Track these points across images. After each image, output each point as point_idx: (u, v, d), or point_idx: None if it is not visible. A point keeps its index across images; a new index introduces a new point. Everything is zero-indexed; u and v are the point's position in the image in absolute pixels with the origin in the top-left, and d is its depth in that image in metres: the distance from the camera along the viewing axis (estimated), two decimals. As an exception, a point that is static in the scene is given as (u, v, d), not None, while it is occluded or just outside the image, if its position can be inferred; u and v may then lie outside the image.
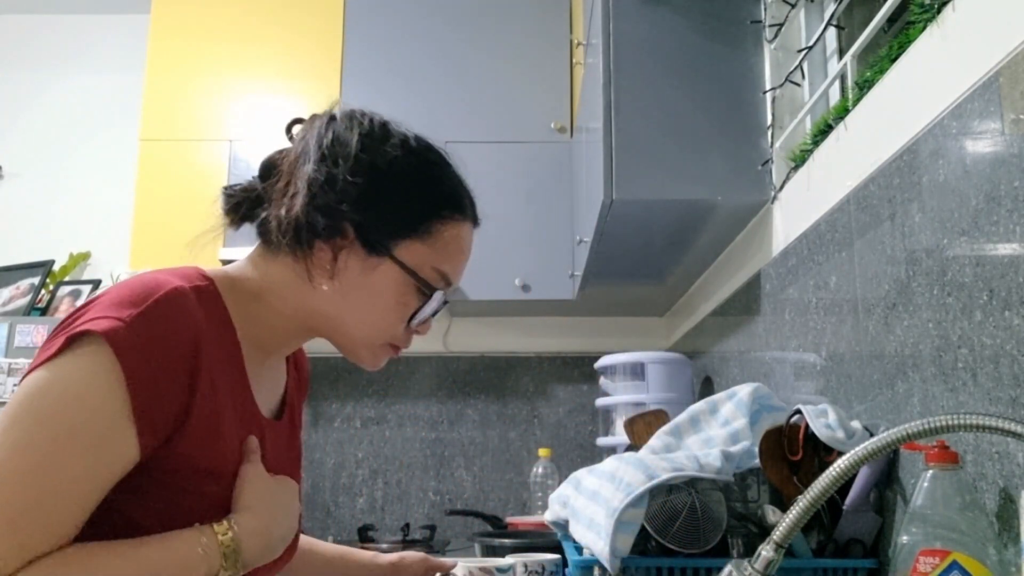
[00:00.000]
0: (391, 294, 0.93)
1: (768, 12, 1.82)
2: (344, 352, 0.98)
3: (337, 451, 2.99)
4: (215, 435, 0.84)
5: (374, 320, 0.94)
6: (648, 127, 1.77)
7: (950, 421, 0.72)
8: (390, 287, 0.93)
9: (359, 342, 0.96)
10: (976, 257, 0.98)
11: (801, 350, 1.58)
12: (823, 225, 1.48)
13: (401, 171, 0.93)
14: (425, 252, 0.94)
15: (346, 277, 0.91)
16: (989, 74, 0.96)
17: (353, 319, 0.93)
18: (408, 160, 0.95)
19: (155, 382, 0.77)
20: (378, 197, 0.91)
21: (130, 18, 3.36)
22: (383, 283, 0.92)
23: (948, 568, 0.83)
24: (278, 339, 0.96)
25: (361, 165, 0.90)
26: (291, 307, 0.93)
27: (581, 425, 3.03)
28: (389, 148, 0.93)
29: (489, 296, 2.76)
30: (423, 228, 0.94)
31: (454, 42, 2.94)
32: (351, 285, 0.92)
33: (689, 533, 1.15)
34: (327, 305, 0.92)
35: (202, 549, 0.79)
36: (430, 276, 0.94)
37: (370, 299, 0.92)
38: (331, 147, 0.91)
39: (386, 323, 0.94)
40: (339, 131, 0.93)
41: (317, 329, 0.96)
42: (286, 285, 0.92)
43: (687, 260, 2.27)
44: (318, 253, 0.90)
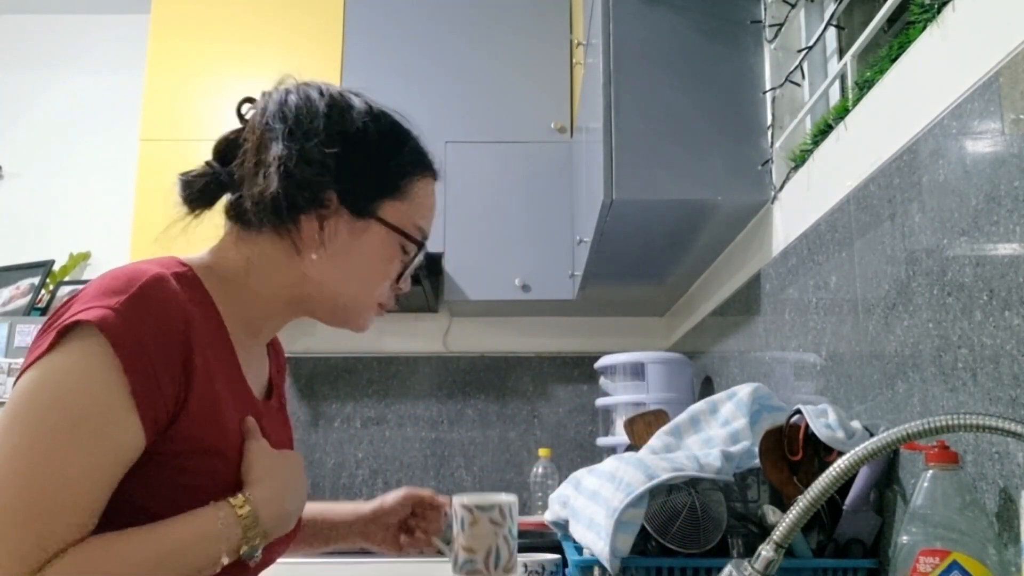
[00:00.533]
0: (380, 254, 0.96)
1: (768, 12, 1.82)
2: (334, 320, 0.99)
3: (337, 451, 2.99)
4: (216, 415, 0.84)
5: (366, 281, 0.96)
6: (648, 127, 1.77)
7: (950, 421, 0.72)
8: (378, 248, 0.95)
9: (353, 306, 0.97)
10: (976, 257, 0.98)
11: (801, 350, 1.58)
12: (823, 225, 1.48)
13: (373, 135, 0.95)
14: (405, 209, 0.97)
15: (336, 244, 0.93)
16: (989, 74, 0.96)
17: (346, 284, 0.95)
18: (377, 124, 0.96)
19: (152, 365, 0.78)
20: (356, 163, 0.93)
21: (130, 18, 3.36)
22: (372, 245, 0.95)
23: (948, 568, 0.83)
24: (265, 318, 0.97)
25: (333, 135, 0.92)
26: (279, 282, 0.94)
27: (581, 425, 3.03)
28: (356, 115, 0.94)
29: (489, 296, 2.76)
30: (400, 187, 0.96)
31: (454, 42, 2.94)
32: (341, 251, 0.93)
33: (689, 533, 1.15)
34: (319, 274, 0.93)
35: (221, 523, 0.80)
36: (413, 232, 0.97)
37: (361, 262, 0.95)
38: (298, 121, 0.91)
39: (377, 283, 0.97)
40: (301, 104, 0.93)
41: (307, 300, 0.96)
42: (272, 261, 0.93)
43: (687, 260, 2.27)
44: (305, 225, 0.91)
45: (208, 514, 0.80)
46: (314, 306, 0.97)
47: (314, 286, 0.94)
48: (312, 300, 0.96)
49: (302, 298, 0.96)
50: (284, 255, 0.93)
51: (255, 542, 0.82)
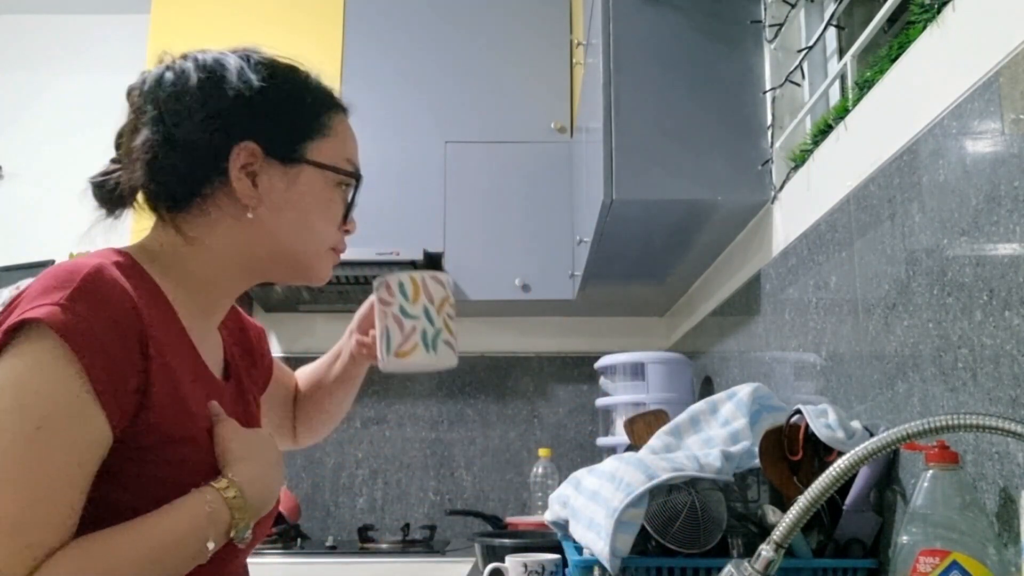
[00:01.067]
0: (319, 196, 0.96)
1: (768, 12, 1.82)
2: (292, 274, 0.98)
3: (337, 451, 2.99)
4: (179, 401, 0.83)
5: (313, 227, 0.96)
6: (648, 127, 1.78)
7: (950, 421, 0.72)
8: (315, 190, 0.95)
9: (307, 255, 0.96)
10: (976, 257, 0.98)
11: (801, 350, 1.58)
12: (823, 225, 1.48)
13: (280, 82, 0.94)
14: (331, 146, 0.97)
15: (273, 196, 0.92)
16: (989, 74, 0.96)
17: (295, 234, 0.94)
18: (281, 71, 0.96)
19: (107, 356, 0.76)
20: (271, 111, 0.93)
21: (130, 18, 3.36)
22: (308, 188, 0.94)
23: (948, 568, 0.83)
24: (216, 295, 0.95)
25: (240, 91, 0.91)
26: (227, 250, 0.93)
27: (581, 425, 3.03)
28: (256, 69, 0.93)
29: (489, 296, 2.76)
30: (320, 125, 0.97)
31: (454, 42, 2.94)
32: (280, 201, 0.93)
33: (689, 533, 1.15)
34: (264, 231, 0.93)
35: (209, 507, 0.79)
36: (345, 166, 0.99)
37: (303, 208, 0.94)
38: (202, 85, 0.91)
39: (324, 226, 0.97)
40: (197, 71, 0.92)
41: (260, 262, 0.95)
42: (215, 230, 0.92)
43: (687, 260, 2.27)
44: (236, 185, 0.90)
45: (195, 500, 0.79)
46: (268, 266, 0.96)
47: (263, 245, 0.93)
48: (265, 260, 0.95)
49: (254, 261, 0.94)
50: (225, 220, 0.92)
51: (244, 522, 0.82)
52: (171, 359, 0.84)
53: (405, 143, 2.84)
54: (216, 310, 0.98)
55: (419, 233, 2.77)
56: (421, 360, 1.02)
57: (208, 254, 0.92)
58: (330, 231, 0.98)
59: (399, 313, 1.00)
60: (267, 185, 0.92)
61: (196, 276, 0.93)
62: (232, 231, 0.92)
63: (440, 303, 1.04)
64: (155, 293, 0.87)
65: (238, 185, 0.90)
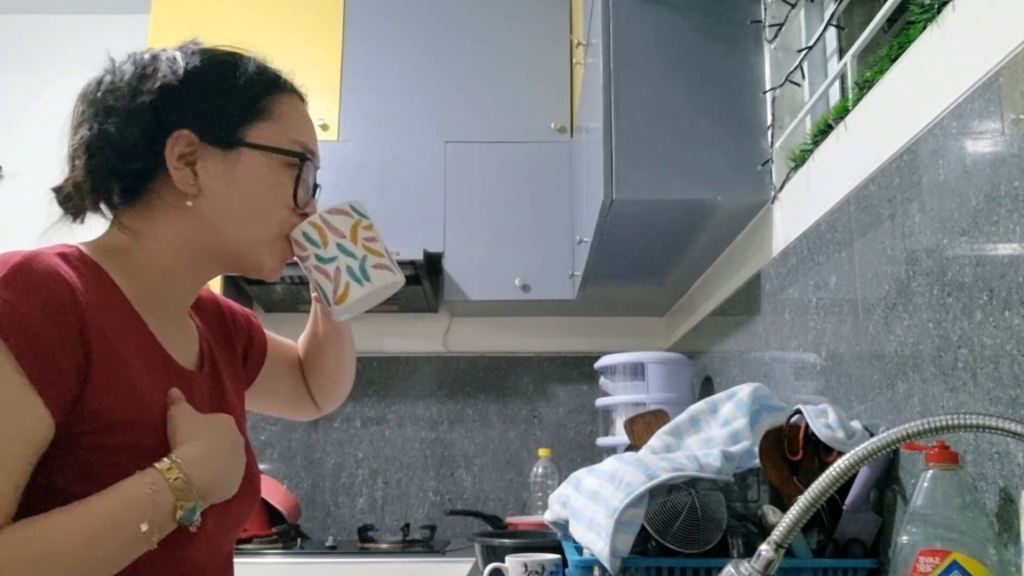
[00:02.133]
0: (263, 179, 0.93)
1: (768, 12, 1.82)
2: (245, 266, 0.96)
3: (337, 451, 2.99)
4: (125, 385, 0.82)
5: (259, 212, 0.94)
6: (648, 127, 1.78)
7: (950, 421, 0.72)
8: (259, 173, 0.93)
9: (254, 243, 0.94)
10: (976, 257, 0.98)
11: (801, 350, 1.58)
12: (823, 225, 1.48)
13: (210, 68, 0.93)
14: (274, 128, 0.95)
15: (213, 183, 0.91)
16: (989, 74, 0.96)
17: (240, 220, 0.93)
18: (213, 57, 0.95)
19: (41, 343, 0.75)
20: (202, 97, 0.92)
21: (130, 18, 3.36)
22: (251, 172, 0.93)
23: (948, 568, 0.83)
24: (171, 284, 0.94)
25: (169, 81, 0.90)
26: (173, 242, 0.92)
27: (581, 425, 3.03)
28: (189, 57, 0.93)
29: (489, 296, 2.76)
30: (259, 108, 0.94)
31: (454, 42, 2.94)
32: (221, 188, 0.91)
33: (689, 533, 1.15)
34: (206, 220, 0.92)
35: (149, 488, 0.78)
36: (291, 147, 0.95)
37: (246, 192, 0.92)
38: (132, 80, 0.90)
39: (271, 211, 0.95)
40: (132, 67, 0.92)
41: (209, 252, 0.94)
42: (160, 222, 0.91)
43: (687, 260, 2.27)
44: (174, 174, 0.89)
45: (135, 482, 0.78)
46: (216, 257, 0.95)
47: (207, 234, 0.92)
48: (211, 251, 0.94)
49: (201, 252, 0.93)
50: (170, 212, 0.91)
51: (189, 504, 0.80)
52: (118, 345, 0.82)
53: (405, 143, 2.84)
54: (174, 300, 0.96)
55: (419, 233, 2.77)
56: (360, 295, 0.98)
57: (156, 246, 0.92)
58: (278, 216, 0.95)
59: (318, 263, 0.97)
60: (207, 172, 0.91)
61: (146, 268, 0.92)
62: (177, 222, 0.91)
63: (352, 232, 0.99)
64: (104, 282, 0.86)
65: (176, 174, 0.89)
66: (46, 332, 0.76)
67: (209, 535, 0.87)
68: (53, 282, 0.78)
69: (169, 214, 0.92)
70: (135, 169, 0.90)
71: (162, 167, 0.90)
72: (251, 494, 0.97)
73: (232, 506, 0.90)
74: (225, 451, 0.87)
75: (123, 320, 0.86)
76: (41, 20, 3.42)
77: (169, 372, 0.91)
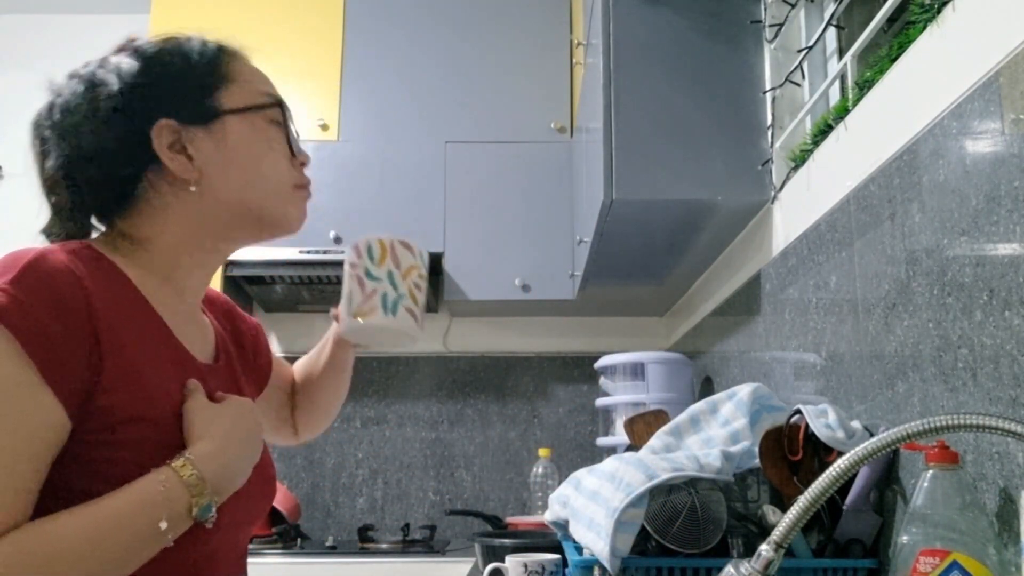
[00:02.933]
0: (255, 139, 0.94)
1: (768, 12, 1.82)
2: (264, 229, 0.96)
3: (337, 451, 2.99)
4: (137, 382, 0.81)
5: (263, 171, 0.94)
6: (648, 127, 1.78)
7: (950, 421, 0.72)
8: (248, 135, 0.93)
9: (273, 198, 0.95)
10: (976, 257, 0.98)
11: (801, 350, 1.58)
12: (823, 225, 1.48)
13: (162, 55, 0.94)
14: (241, 89, 0.95)
15: (211, 160, 0.91)
16: (989, 74, 0.96)
17: (247, 186, 0.93)
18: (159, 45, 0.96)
19: (52, 340, 0.75)
20: (167, 83, 0.92)
21: (130, 18, 3.36)
22: (241, 137, 0.93)
23: (948, 568, 0.83)
24: (188, 273, 0.94)
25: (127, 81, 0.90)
26: (185, 232, 0.92)
27: (581, 425, 3.03)
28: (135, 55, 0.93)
29: (489, 296, 2.76)
30: (221, 75, 0.95)
31: (454, 42, 2.94)
32: (220, 162, 0.91)
33: (689, 533, 1.15)
34: (215, 198, 0.91)
35: (163, 486, 0.78)
36: (263, 99, 0.96)
37: (245, 157, 0.93)
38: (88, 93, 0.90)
39: (274, 167, 0.95)
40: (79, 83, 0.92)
41: (224, 229, 0.94)
42: (165, 219, 0.91)
43: (687, 260, 2.27)
44: (171, 165, 0.89)
45: (148, 480, 0.78)
46: (235, 230, 0.95)
47: (221, 211, 0.92)
48: (229, 226, 0.94)
49: (218, 231, 0.93)
50: (173, 209, 0.91)
51: (204, 501, 0.80)
52: (131, 341, 0.82)
53: (405, 143, 2.84)
54: (188, 291, 0.96)
55: (419, 233, 2.76)
56: (379, 321, 0.99)
57: (166, 241, 0.91)
58: (283, 169, 0.96)
59: (363, 275, 0.99)
60: (200, 152, 0.90)
61: (159, 262, 0.91)
62: (184, 212, 0.91)
63: (407, 270, 1.01)
64: (116, 277, 0.86)
65: (173, 164, 0.89)
66: (57, 330, 0.76)
67: (224, 530, 0.86)
68: (63, 279, 0.78)
69: (173, 208, 0.91)
70: (124, 175, 0.90)
71: (149, 165, 0.89)
72: (266, 489, 0.96)
73: (247, 500, 0.90)
74: (239, 441, 0.86)
75: (136, 314, 0.86)
76: (41, 20, 3.42)
77: (185, 365, 0.90)
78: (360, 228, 2.78)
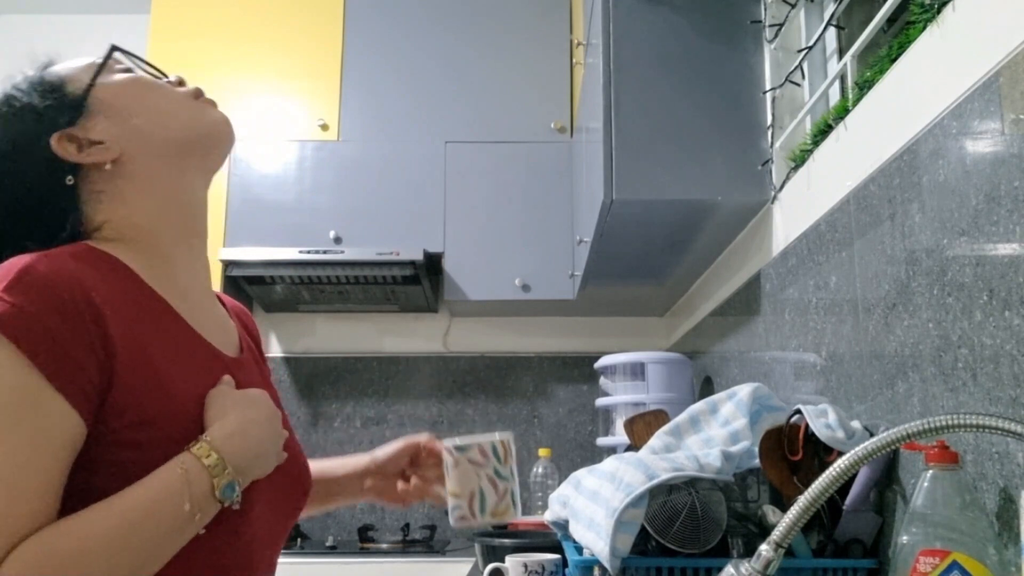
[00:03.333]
0: (126, 90, 0.93)
1: (768, 12, 1.82)
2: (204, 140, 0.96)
3: (337, 451, 2.99)
4: (153, 379, 0.81)
5: (157, 105, 0.94)
6: (648, 127, 1.78)
7: (950, 421, 0.72)
8: (118, 90, 0.93)
9: (185, 120, 0.94)
10: (976, 257, 0.98)
11: (801, 350, 1.58)
12: (823, 225, 1.48)
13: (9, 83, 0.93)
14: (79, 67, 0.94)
15: (113, 129, 0.90)
16: (989, 74, 0.96)
17: (159, 124, 0.93)
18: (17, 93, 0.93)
19: (56, 343, 0.74)
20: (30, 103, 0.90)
21: (130, 18, 3.36)
22: (114, 96, 0.92)
23: (948, 568, 0.83)
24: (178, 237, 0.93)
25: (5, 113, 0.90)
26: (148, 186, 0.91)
27: (581, 425, 3.03)
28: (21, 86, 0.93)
29: (489, 296, 2.76)
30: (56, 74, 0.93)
31: (454, 42, 2.94)
32: (122, 125, 0.91)
33: (689, 533, 1.15)
34: (147, 153, 0.91)
35: (182, 469, 0.77)
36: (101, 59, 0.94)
37: (134, 107, 0.92)
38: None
39: (160, 96, 0.95)
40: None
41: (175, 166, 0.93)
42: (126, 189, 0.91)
43: (687, 260, 2.27)
44: (90, 160, 0.89)
45: (169, 467, 0.77)
46: (180, 162, 0.94)
47: (158, 154, 0.92)
48: (174, 161, 0.93)
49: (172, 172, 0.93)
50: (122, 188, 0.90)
51: (225, 480, 0.79)
52: (145, 337, 0.82)
53: (405, 143, 2.84)
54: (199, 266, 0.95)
55: (419, 233, 2.77)
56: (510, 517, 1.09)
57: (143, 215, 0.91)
58: (169, 93, 0.96)
59: (493, 475, 1.06)
60: (102, 131, 0.90)
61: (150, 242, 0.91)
62: (135, 181, 0.91)
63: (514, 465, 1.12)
64: (122, 272, 0.86)
65: (93, 157, 0.89)
66: (60, 331, 0.75)
67: (260, 520, 0.86)
68: (62, 281, 0.77)
69: (124, 186, 0.90)
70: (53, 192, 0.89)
71: (74, 170, 0.89)
72: (301, 478, 0.96)
73: (281, 491, 0.90)
74: (259, 424, 0.86)
75: (148, 309, 0.85)
76: (41, 20, 3.42)
77: (209, 358, 0.90)
78: (360, 228, 2.79)
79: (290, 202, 2.76)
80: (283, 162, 2.82)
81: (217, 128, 0.97)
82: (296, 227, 2.73)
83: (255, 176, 2.80)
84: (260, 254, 2.62)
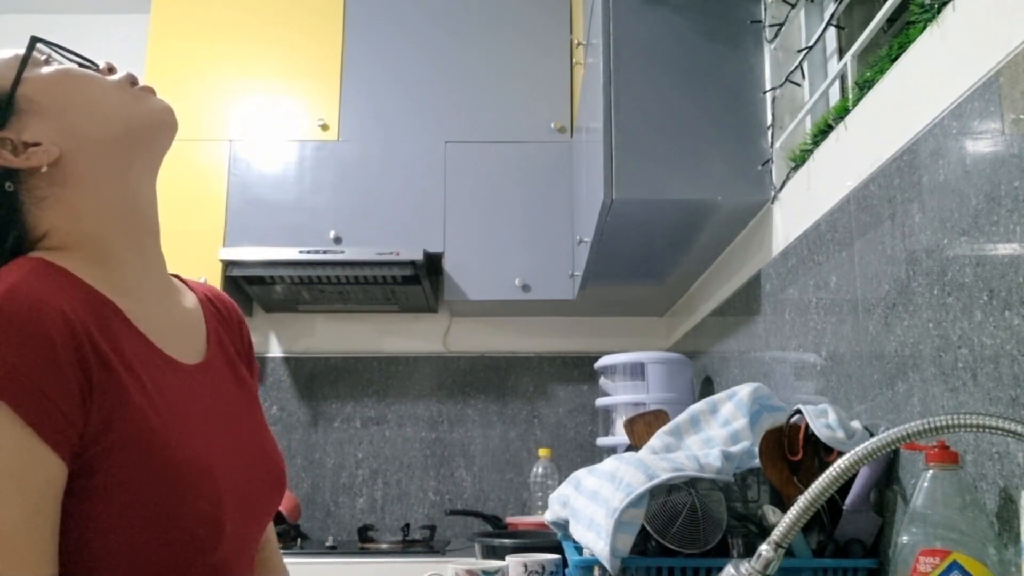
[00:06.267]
0: (56, 84, 0.87)
1: (768, 12, 1.82)
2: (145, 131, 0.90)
3: (337, 451, 2.99)
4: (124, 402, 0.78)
5: (92, 96, 0.88)
6: (648, 127, 1.78)
7: (950, 421, 0.72)
8: (46, 86, 0.87)
9: (123, 110, 0.89)
10: (976, 257, 0.98)
11: (801, 350, 1.58)
12: (823, 225, 1.48)
13: None
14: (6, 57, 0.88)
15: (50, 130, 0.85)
16: (989, 74, 0.96)
17: (96, 117, 0.87)
18: None
19: (40, 391, 0.72)
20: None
21: (130, 18, 3.36)
22: (43, 91, 0.86)
23: (948, 568, 0.83)
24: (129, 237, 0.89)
25: None
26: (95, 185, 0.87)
27: (581, 425, 3.03)
28: None
29: (489, 296, 2.76)
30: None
31: (454, 42, 2.94)
32: (57, 122, 0.86)
33: (689, 533, 1.15)
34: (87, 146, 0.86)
35: None
36: (24, 52, 0.88)
37: (67, 102, 0.87)
38: None
39: (94, 87, 0.89)
40: None
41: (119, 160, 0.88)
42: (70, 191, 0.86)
43: (687, 260, 2.27)
44: (27, 163, 0.84)
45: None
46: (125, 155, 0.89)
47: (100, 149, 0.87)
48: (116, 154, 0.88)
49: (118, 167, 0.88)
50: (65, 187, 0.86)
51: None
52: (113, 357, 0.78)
53: (405, 143, 2.84)
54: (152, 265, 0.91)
55: (419, 233, 2.77)
56: None
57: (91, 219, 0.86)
58: (102, 83, 0.90)
59: None
60: (37, 133, 0.85)
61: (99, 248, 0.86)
62: (80, 182, 0.86)
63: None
64: (80, 288, 0.81)
65: (32, 161, 0.84)
66: (43, 377, 0.72)
67: (230, 540, 0.84)
68: (41, 318, 0.73)
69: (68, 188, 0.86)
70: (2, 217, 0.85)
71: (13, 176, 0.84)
72: (273, 490, 0.94)
73: (254, 504, 0.89)
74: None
75: (114, 325, 0.82)
76: (41, 20, 3.41)
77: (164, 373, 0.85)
78: (360, 228, 2.79)
79: (290, 202, 2.76)
80: (283, 162, 2.82)
81: (158, 118, 0.92)
82: (296, 227, 2.73)
83: (255, 176, 2.80)
84: (260, 254, 2.62)
